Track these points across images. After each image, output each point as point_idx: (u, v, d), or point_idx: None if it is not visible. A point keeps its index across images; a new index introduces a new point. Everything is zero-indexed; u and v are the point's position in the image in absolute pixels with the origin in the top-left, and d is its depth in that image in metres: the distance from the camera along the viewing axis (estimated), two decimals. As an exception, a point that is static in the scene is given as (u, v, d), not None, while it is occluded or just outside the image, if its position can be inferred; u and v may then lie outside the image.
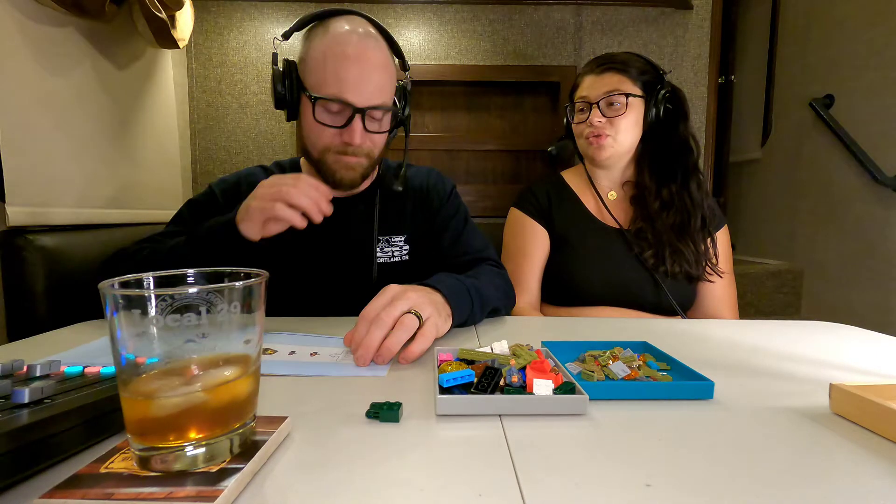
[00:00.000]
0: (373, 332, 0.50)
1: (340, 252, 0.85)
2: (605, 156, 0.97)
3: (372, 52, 0.75)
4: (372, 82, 0.74)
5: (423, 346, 0.53)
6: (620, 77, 0.95)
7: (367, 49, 0.75)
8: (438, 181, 0.95)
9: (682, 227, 0.94)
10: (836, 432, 0.37)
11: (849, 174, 1.71)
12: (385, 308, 0.52)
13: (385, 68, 0.77)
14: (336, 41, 0.74)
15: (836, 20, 1.78)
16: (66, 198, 1.07)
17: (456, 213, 0.92)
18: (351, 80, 0.73)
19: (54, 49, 1.05)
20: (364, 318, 0.52)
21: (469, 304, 0.66)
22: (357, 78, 0.73)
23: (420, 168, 0.97)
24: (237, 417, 0.31)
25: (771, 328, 0.70)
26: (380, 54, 0.76)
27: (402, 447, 0.34)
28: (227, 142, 1.84)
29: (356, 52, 0.73)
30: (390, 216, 0.89)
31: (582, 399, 0.39)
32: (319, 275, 0.85)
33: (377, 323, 0.51)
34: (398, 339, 0.51)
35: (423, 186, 0.93)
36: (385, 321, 0.51)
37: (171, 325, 0.28)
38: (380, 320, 0.51)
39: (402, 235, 0.89)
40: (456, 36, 1.86)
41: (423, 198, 0.92)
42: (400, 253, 0.88)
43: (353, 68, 0.73)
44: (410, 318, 0.52)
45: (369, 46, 0.75)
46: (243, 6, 1.78)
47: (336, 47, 0.74)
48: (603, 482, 0.29)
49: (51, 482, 0.27)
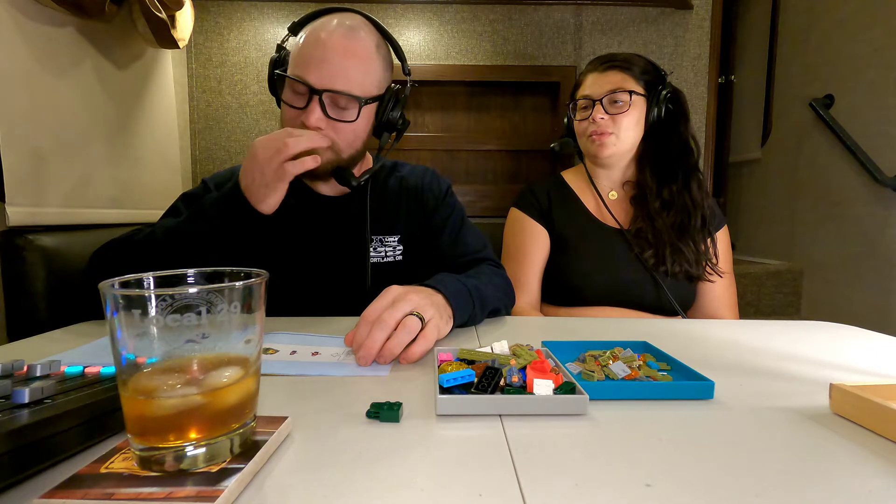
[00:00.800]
0: (374, 333, 0.50)
1: (333, 252, 0.85)
2: (607, 153, 0.97)
3: (347, 40, 0.74)
4: (336, 66, 0.73)
5: (424, 347, 0.52)
6: (624, 75, 0.95)
7: (342, 36, 0.74)
8: (433, 180, 0.94)
9: (682, 227, 0.94)
10: (836, 432, 0.37)
11: (849, 174, 1.71)
12: (387, 309, 0.52)
13: (358, 57, 0.74)
14: (318, 27, 0.75)
15: (836, 20, 1.78)
16: (67, 198, 1.07)
17: (452, 213, 0.91)
18: (314, 60, 0.73)
19: (54, 49, 1.05)
20: (365, 320, 0.52)
21: (470, 305, 0.66)
22: (319, 59, 0.73)
23: (416, 167, 0.96)
24: (237, 417, 0.31)
25: (771, 328, 0.70)
26: (358, 45, 0.75)
27: (402, 447, 0.34)
28: (227, 142, 1.84)
29: (328, 37, 0.73)
30: (383, 216, 0.88)
31: (582, 399, 0.39)
32: (312, 275, 0.84)
33: (379, 324, 0.51)
34: (400, 340, 0.51)
35: (418, 186, 0.92)
36: (387, 322, 0.51)
37: (171, 325, 0.28)
38: (382, 322, 0.51)
39: (396, 236, 0.88)
40: (456, 36, 1.86)
41: (418, 198, 0.91)
42: (393, 253, 0.87)
43: (319, 50, 0.73)
44: (413, 320, 0.52)
45: (347, 35, 0.74)
46: (243, 6, 1.78)
47: (314, 33, 0.74)
48: (603, 482, 0.29)
49: (51, 482, 0.27)
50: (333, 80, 0.73)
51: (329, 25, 0.74)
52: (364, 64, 0.75)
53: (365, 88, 0.76)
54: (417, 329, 0.52)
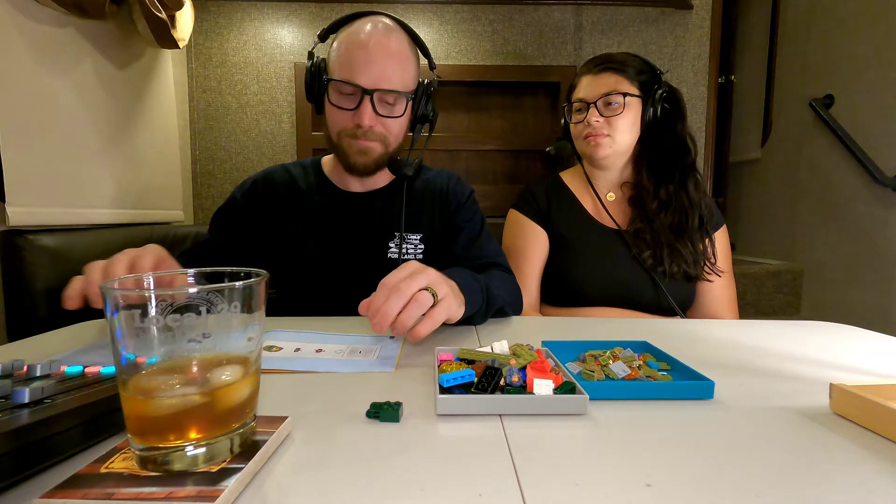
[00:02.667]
0: (391, 300, 0.51)
1: (358, 248, 0.87)
2: (602, 155, 0.97)
3: (386, 41, 0.79)
4: (382, 66, 0.78)
5: (430, 327, 0.53)
6: (618, 77, 0.95)
7: (382, 38, 0.78)
8: (457, 185, 0.96)
9: (679, 227, 0.94)
10: (836, 432, 0.37)
11: (849, 174, 1.71)
12: (405, 280, 0.53)
13: (399, 57, 0.80)
14: (355, 31, 0.80)
15: (836, 20, 1.78)
16: (66, 198, 1.07)
17: (472, 217, 0.93)
18: (360, 63, 0.77)
19: (54, 49, 1.05)
20: (383, 286, 0.53)
21: (481, 299, 0.66)
22: (365, 61, 0.77)
23: (441, 171, 0.99)
24: (237, 417, 0.31)
25: (771, 328, 0.70)
26: (396, 45, 0.80)
27: (402, 447, 0.34)
28: (226, 142, 1.84)
29: (369, 40, 0.78)
30: (408, 215, 0.89)
31: (582, 399, 0.39)
32: (336, 270, 0.87)
33: (396, 293, 0.51)
34: (412, 314, 0.52)
35: (443, 189, 0.94)
36: (404, 292, 0.52)
37: (171, 325, 0.28)
38: (399, 290, 0.52)
39: (419, 235, 0.90)
40: (456, 36, 1.86)
41: (442, 200, 0.93)
42: (415, 252, 0.89)
43: (363, 53, 0.77)
44: (425, 295, 0.53)
45: (385, 36, 0.79)
46: (243, 6, 1.78)
47: (353, 36, 0.79)
48: (603, 482, 0.29)
49: (51, 482, 0.27)
50: (381, 79, 0.78)
51: (366, 29, 0.79)
52: (404, 62, 0.81)
53: (407, 84, 0.82)
54: (428, 305, 0.53)
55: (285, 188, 0.91)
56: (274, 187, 0.91)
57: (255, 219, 0.88)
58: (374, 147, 0.82)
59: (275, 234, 0.88)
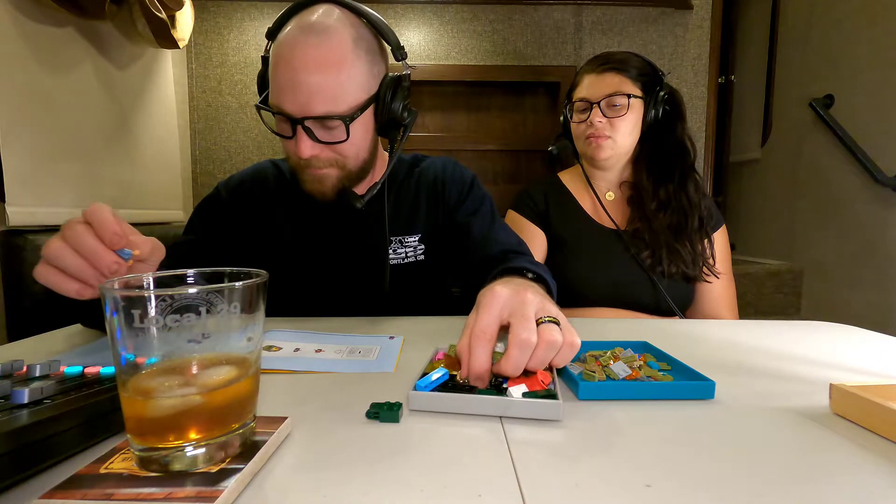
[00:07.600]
0: (517, 356, 0.40)
1: (351, 255, 0.82)
2: (604, 156, 0.97)
3: (315, 51, 0.63)
4: (308, 88, 0.64)
5: (570, 355, 0.43)
6: (621, 78, 0.95)
7: (310, 48, 0.64)
8: (455, 172, 0.88)
9: (678, 228, 0.94)
10: (836, 432, 0.37)
11: (849, 174, 1.71)
12: (522, 322, 0.41)
13: (334, 69, 0.64)
14: (284, 39, 0.66)
15: (836, 20, 1.78)
16: (66, 198, 1.07)
17: (479, 209, 0.84)
18: (286, 85, 0.65)
19: (54, 49, 1.05)
20: (516, 345, 0.40)
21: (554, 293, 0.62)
22: (290, 83, 0.64)
23: (434, 159, 0.90)
24: (237, 418, 0.30)
25: (771, 328, 0.70)
26: (329, 52, 0.64)
27: (402, 447, 0.34)
28: (226, 142, 1.84)
29: (292, 52, 0.64)
30: (402, 216, 0.84)
31: (555, 405, 0.37)
32: (330, 278, 0.82)
33: (527, 346, 0.40)
34: (543, 359, 0.41)
35: (438, 180, 0.86)
36: (531, 340, 0.41)
37: (170, 326, 0.28)
38: (527, 343, 0.40)
39: (416, 235, 0.84)
40: (456, 36, 1.86)
41: (438, 192, 0.85)
42: (414, 253, 0.83)
43: (288, 71, 0.64)
44: (553, 332, 0.41)
45: (316, 44, 0.64)
46: (243, 6, 1.78)
47: (280, 48, 0.66)
48: (603, 482, 0.29)
49: (51, 482, 0.27)
50: (309, 104, 0.64)
51: (295, 36, 0.65)
52: (342, 73, 0.65)
53: (349, 100, 0.67)
54: (560, 341, 0.41)
55: (274, 188, 0.84)
56: (262, 187, 0.84)
57: (241, 219, 0.82)
58: (328, 174, 0.71)
59: (261, 236, 0.82)
